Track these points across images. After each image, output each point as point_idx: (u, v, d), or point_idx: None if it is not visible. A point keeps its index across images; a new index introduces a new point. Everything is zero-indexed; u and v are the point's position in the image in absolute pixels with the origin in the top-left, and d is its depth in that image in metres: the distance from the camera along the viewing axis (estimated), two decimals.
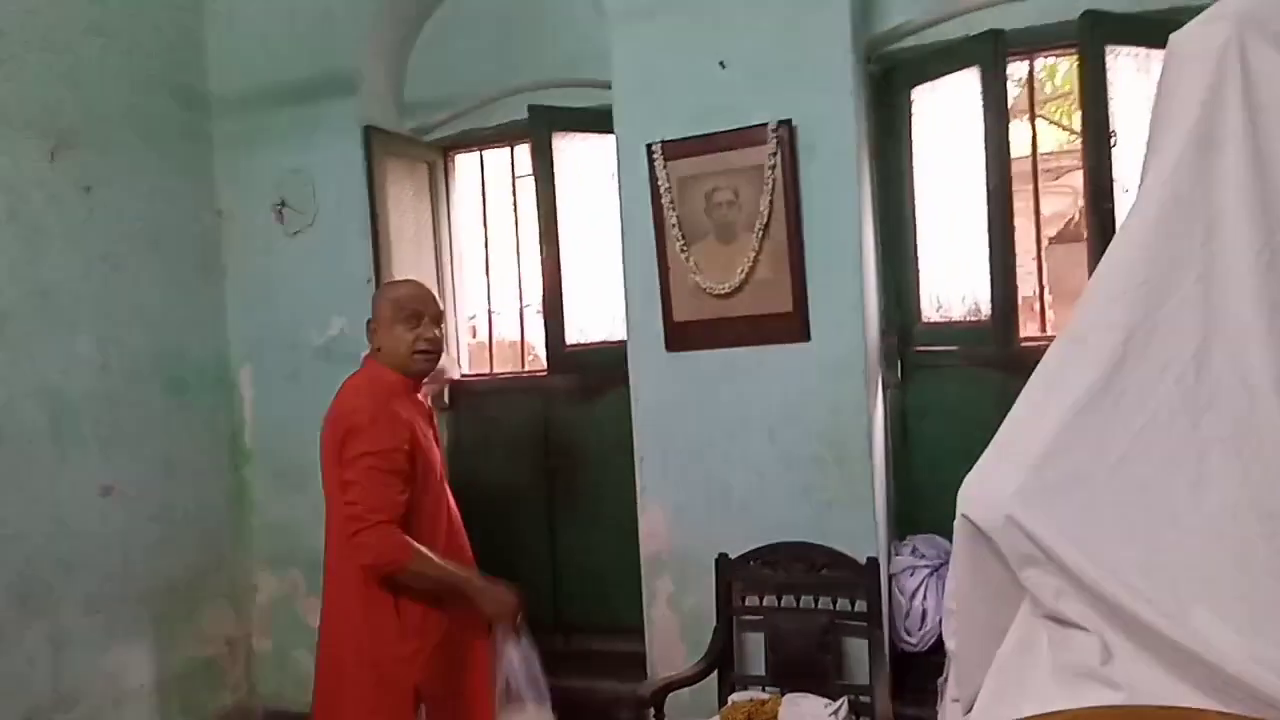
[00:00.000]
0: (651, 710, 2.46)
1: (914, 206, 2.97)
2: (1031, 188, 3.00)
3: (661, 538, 2.88)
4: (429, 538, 2.20)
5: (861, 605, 2.61)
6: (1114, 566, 1.44)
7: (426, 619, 2.20)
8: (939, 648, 2.48)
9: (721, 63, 2.74)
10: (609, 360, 3.11)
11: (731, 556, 2.73)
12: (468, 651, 2.30)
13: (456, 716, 2.29)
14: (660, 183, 2.79)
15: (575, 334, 3.25)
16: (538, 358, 3.73)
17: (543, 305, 3.26)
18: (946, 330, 2.96)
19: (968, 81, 2.74)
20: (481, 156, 3.63)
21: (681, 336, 2.84)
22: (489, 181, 3.65)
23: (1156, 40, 1.89)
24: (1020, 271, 2.78)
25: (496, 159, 3.62)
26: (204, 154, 3.39)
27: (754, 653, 2.74)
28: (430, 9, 3.43)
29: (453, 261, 3.67)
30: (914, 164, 2.97)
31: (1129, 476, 1.52)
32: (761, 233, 2.70)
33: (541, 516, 3.44)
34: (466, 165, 3.68)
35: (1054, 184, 5.96)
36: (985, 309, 2.78)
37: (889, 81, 2.99)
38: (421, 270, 3.41)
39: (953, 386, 2.95)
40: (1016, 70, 2.94)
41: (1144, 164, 1.75)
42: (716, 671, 2.65)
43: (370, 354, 2.30)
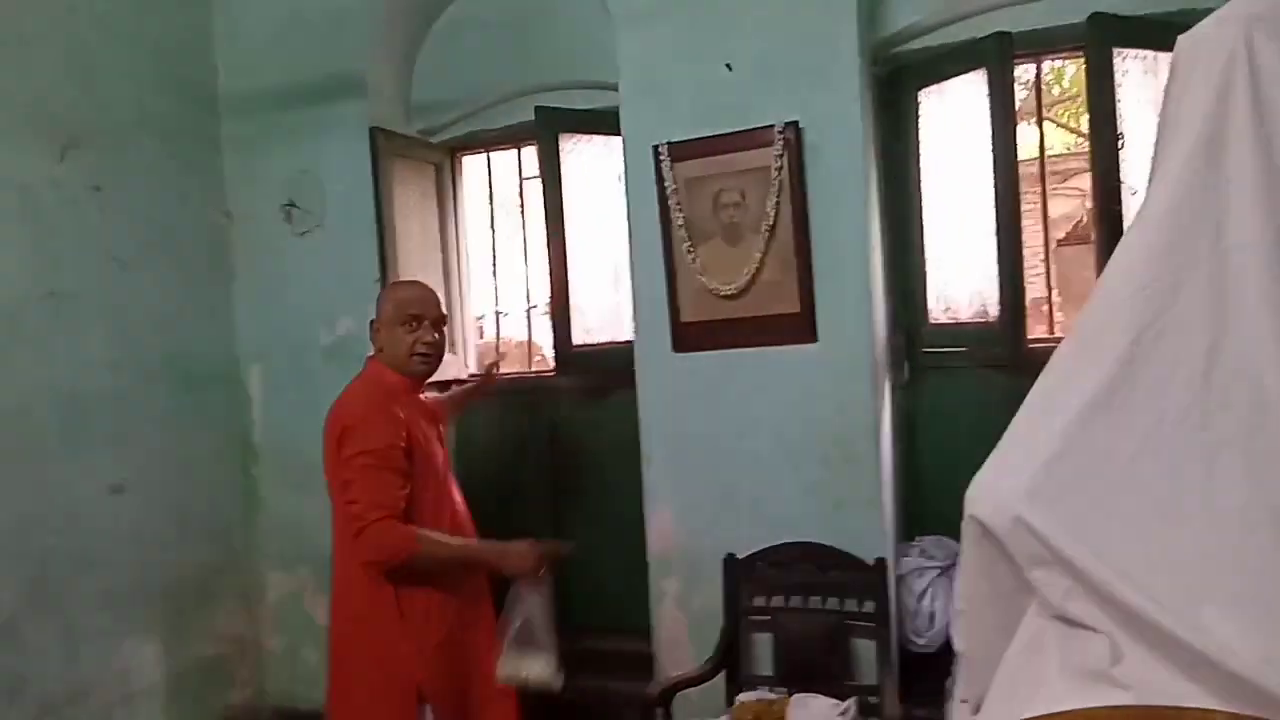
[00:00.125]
0: (659, 710, 2.46)
1: (921, 208, 2.97)
2: (1039, 190, 3.00)
3: (669, 538, 2.88)
4: None
5: (870, 606, 2.61)
6: (1123, 567, 1.44)
7: (428, 618, 2.21)
8: (948, 648, 2.49)
9: (728, 64, 2.74)
10: (616, 361, 3.11)
11: (739, 557, 2.74)
12: (470, 651, 2.31)
13: (460, 716, 2.30)
14: (667, 184, 2.79)
15: (582, 335, 3.25)
16: (545, 358, 3.74)
17: (550, 306, 3.27)
18: (954, 331, 2.95)
19: (975, 83, 2.74)
20: (488, 158, 3.63)
21: (688, 337, 2.84)
22: (496, 183, 3.65)
23: (1164, 43, 1.89)
24: (1028, 273, 2.78)
25: (503, 160, 3.63)
26: (213, 154, 3.41)
27: (762, 653, 2.74)
28: (438, 11, 3.44)
29: (460, 262, 3.67)
30: (921, 166, 2.96)
31: (1138, 477, 1.52)
32: (768, 234, 2.70)
33: (548, 517, 3.44)
34: (473, 166, 3.68)
35: (1062, 186, 5.96)
36: (993, 310, 2.77)
37: (896, 83, 2.98)
38: (428, 271, 3.41)
39: (960, 388, 2.94)
40: (1024, 72, 2.94)
41: (1152, 166, 1.75)
42: (724, 671, 2.66)
43: (372, 354, 2.31)
